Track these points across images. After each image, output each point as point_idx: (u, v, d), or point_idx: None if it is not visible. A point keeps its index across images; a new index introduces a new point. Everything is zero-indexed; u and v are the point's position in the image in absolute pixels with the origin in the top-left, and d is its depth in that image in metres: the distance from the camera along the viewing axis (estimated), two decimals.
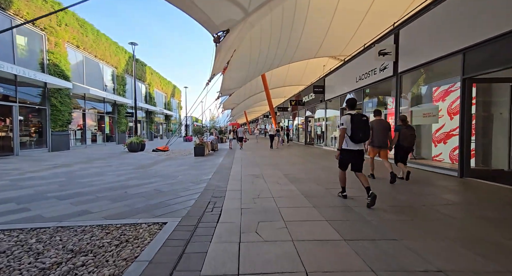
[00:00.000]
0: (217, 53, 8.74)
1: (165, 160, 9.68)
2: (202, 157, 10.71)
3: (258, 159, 9.35)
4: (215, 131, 14.52)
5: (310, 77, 22.88)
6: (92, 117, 17.46)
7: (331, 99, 13.38)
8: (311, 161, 8.79)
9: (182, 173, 6.66)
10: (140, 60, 23.20)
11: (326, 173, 6.27)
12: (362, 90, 9.68)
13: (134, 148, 12.81)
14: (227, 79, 16.89)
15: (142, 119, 25.22)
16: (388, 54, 7.25)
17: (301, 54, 19.12)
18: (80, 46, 14.40)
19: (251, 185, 5.04)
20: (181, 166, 8.08)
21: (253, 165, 8.00)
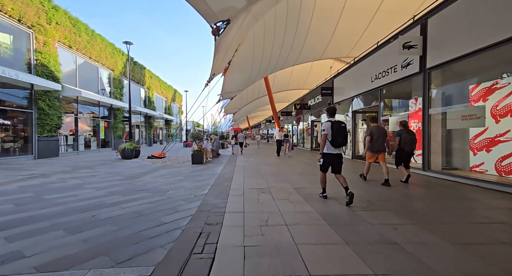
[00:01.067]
0: (217, 49, 7.82)
1: (159, 169, 8.68)
2: (200, 165, 9.70)
3: (262, 168, 8.33)
4: (214, 137, 13.49)
5: (314, 81, 21.99)
6: (86, 122, 16.57)
7: (341, 102, 12.38)
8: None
9: (174, 186, 5.64)
10: (138, 63, 22.46)
11: (355, 188, 5.22)
12: (378, 90, 8.67)
13: (128, 154, 11.84)
14: (228, 81, 16.00)
15: (141, 124, 24.35)
16: (413, 47, 6.27)
17: (306, 56, 18.28)
18: (73, 47, 13.60)
19: (256, 204, 4.01)
20: (175, 176, 7.06)
21: (257, 175, 6.96)
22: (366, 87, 9.44)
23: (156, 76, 27.51)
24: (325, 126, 4.06)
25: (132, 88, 21.58)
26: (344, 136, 3.98)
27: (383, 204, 4.01)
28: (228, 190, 5.04)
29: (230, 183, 5.85)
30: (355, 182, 5.67)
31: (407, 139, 5.38)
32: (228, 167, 8.87)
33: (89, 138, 16.63)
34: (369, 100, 9.71)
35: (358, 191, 4.81)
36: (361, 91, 9.91)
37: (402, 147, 5.45)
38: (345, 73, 11.80)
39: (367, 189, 5.12)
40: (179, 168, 8.87)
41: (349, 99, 11.25)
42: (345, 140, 3.99)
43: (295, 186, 5.35)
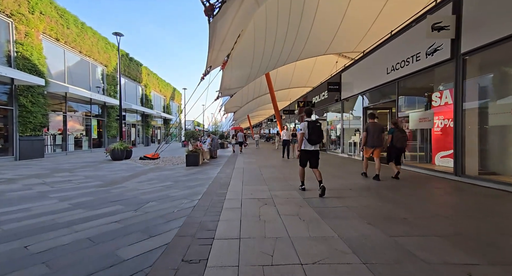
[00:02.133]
0: (212, 36, 6.84)
1: (148, 172, 7.71)
2: (195, 167, 8.72)
3: (264, 171, 7.34)
4: (213, 136, 12.52)
5: (317, 79, 20.98)
6: (78, 120, 15.65)
7: (349, 98, 11.37)
8: (335, 174, 6.75)
9: (158, 195, 4.66)
10: (135, 60, 21.52)
11: (369, 197, 4.22)
12: (395, 83, 7.66)
13: (118, 155, 10.88)
14: (227, 77, 15.02)
15: (137, 123, 23.42)
16: (444, 29, 5.25)
17: (310, 50, 17.30)
18: (61, 39, 12.66)
19: (257, 223, 3.03)
20: (164, 181, 6.09)
21: (258, 179, 5.99)
22: (380, 80, 8.42)
23: (154, 74, 26.57)
24: (302, 126, 4.52)
25: (127, 86, 20.71)
26: (319, 135, 4.47)
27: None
28: (223, 201, 4.07)
29: (226, 190, 4.87)
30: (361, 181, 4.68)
31: (398, 137, 5.77)
32: (226, 170, 7.90)
33: (80, 137, 15.71)
34: (383, 95, 8.70)
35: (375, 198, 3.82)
36: (374, 85, 8.89)
37: (394, 144, 5.82)
38: (354, 67, 10.78)
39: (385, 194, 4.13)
40: (171, 171, 7.91)
41: (359, 94, 10.23)
42: (319, 137, 4.48)
43: (305, 195, 4.36)
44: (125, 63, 19.92)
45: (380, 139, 5.77)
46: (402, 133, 5.83)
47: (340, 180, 5.78)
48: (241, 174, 6.93)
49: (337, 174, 6.77)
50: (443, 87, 6.33)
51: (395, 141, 5.79)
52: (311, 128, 4.43)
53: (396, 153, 5.95)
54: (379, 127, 5.82)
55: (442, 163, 6.59)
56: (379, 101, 9.03)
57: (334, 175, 6.58)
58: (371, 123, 5.89)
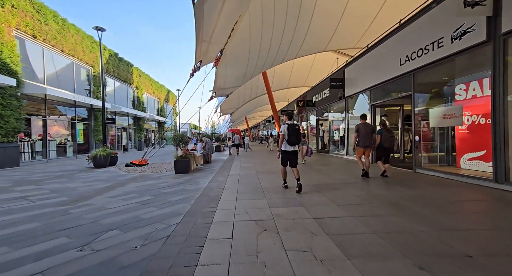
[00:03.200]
0: (199, 20, 5.85)
1: (128, 182, 6.67)
2: (185, 175, 7.70)
3: (262, 178, 6.34)
4: (206, 139, 11.50)
5: (316, 78, 20.11)
6: (62, 125, 14.58)
7: (354, 95, 10.42)
8: (346, 180, 5.76)
9: (127, 217, 3.62)
10: (124, 60, 20.47)
11: (398, 215, 3.23)
12: (411, 76, 6.70)
13: (100, 162, 9.82)
14: (221, 76, 14.04)
15: (128, 127, 22.32)
16: (480, 4, 4.30)
17: (309, 47, 16.41)
18: (38, 37, 11.62)
19: (254, 268, 2.03)
20: (142, 195, 5.05)
21: (255, 190, 4.99)
22: (391, 73, 7.48)
23: (146, 75, 25.53)
24: (283, 128, 4.85)
25: (117, 88, 19.67)
26: (297, 137, 4.80)
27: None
28: (209, 226, 3.06)
29: (215, 207, 3.87)
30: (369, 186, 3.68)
31: (386, 137, 6.05)
32: (219, 177, 6.88)
33: (65, 143, 14.62)
34: (394, 90, 7.75)
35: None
36: (384, 79, 7.93)
37: (382, 144, 6.09)
38: (359, 61, 9.83)
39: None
40: (155, 180, 6.87)
41: (365, 90, 9.28)
42: (298, 139, 4.83)
43: (317, 214, 3.36)
44: (114, 63, 18.87)
45: (370, 139, 6.03)
46: (390, 134, 6.12)
47: (353, 189, 4.79)
48: (235, 183, 5.92)
49: (348, 180, 5.77)
50: (473, 78, 5.37)
51: (383, 141, 6.07)
52: (291, 130, 4.80)
53: (384, 152, 6.22)
54: (370, 128, 6.09)
55: (471, 167, 5.63)
56: (389, 97, 8.07)
57: (346, 181, 5.58)
58: (362, 124, 6.12)
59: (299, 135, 4.88)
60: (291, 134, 4.79)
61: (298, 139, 4.84)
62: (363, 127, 6.06)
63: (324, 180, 6.03)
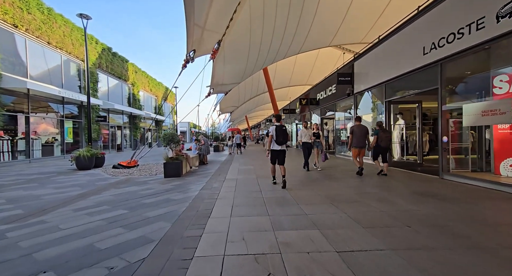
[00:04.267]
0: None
1: (107, 188, 5.72)
2: (175, 180, 6.75)
3: (264, 185, 5.38)
4: (203, 139, 10.56)
5: (319, 76, 19.16)
6: (50, 122, 13.65)
7: (364, 91, 9.45)
8: (364, 189, 4.80)
9: (84, 242, 2.68)
10: (119, 55, 19.50)
11: (474, 251, 2.27)
12: (438, 66, 5.73)
13: (84, 164, 8.88)
14: (219, 70, 13.08)
15: (123, 125, 21.37)
16: None
17: (313, 41, 15.47)
18: (20, 26, 10.67)
19: None
20: (116, 207, 4.10)
21: (255, 202, 4.04)
22: (412, 65, 6.51)
23: (143, 72, 24.57)
24: (271, 129, 5.28)
25: (111, 84, 18.73)
26: (284, 137, 5.24)
27: None
28: (187, 266, 2.11)
29: (202, 229, 2.92)
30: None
31: (383, 137, 6.24)
32: (214, 183, 5.94)
33: (52, 141, 13.69)
34: (416, 84, 6.77)
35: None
36: (402, 72, 6.97)
37: (379, 143, 6.29)
38: (370, 53, 8.86)
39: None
40: (140, 186, 5.92)
41: (379, 85, 8.31)
42: (285, 139, 5.27)
43: (340, 245, 2.40)
44: (108, 58, 17.91)
45: (364, 140, 6.39)
46: (386, 134, 6.34)
47: (375, 202, 3.82)
48: (232, 191, 4.97)
49: (364, 188, 4.80)
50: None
51: (380, 141, 6.29)
52: (278, 131, 5.20)
53: (381, 152, 6.44)
54: (364, 130, 6.41)
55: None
56: (408, 92, 7.10)
57: (362, 190, 4.61)
58: (356, 126, 6.48)
59: (286, 136, 5.27)
60: (278, 135, 5.20)
61: (284, 139, 5.25)
62: (357, 129, 6.42)
63: (335, 187, 5.07)
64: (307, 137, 7.41)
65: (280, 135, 5.20)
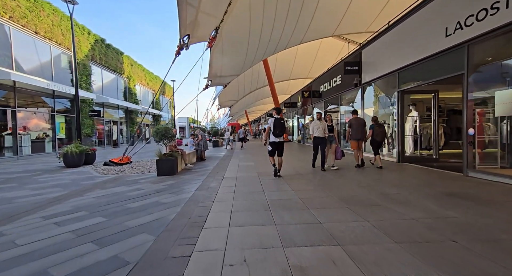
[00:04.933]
0: None
1: (93, 189, 5.12)
2: (168, 178, 6.14)
3: (267, 185, 4.78)
4: (201, 133, 9.93)
5: (321, 68, 18.40)
6: (42, 117, 13.01)
7: (374, 81, 8.77)
8: (382, 189, 4.18)
9: (35, 266, 2.08)
10: (113, 47, 18.70)
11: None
12: (464, 48, 5.05)
13: (72, 161, 8.28)
14: (217, 61, 12.36)
15: (119, 120, 20.70)
16: None
17: (316, 31, 14.70)
18: (3, 13, 9.92)
19: None
20: (94, 213, 3.49)
21: (259, 207, 3.42)
22: (431, 49, 5.83)
23: (139, 65, 23.78)
24: (270, 122, 5.46)
25: (105, 77, 18.03)
26: (281, 129, 5.43)
27: None
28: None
29: (193, 246, 2.32)
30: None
31: (378, 131, 6.51)
32: (211, 182, 5.33)
33: (43, 137, 13.07)
34: (435, 71, 6.09)
35: None
36: (418, 57, 6.28)
37: (374, 137, 6.52)
38: (380, 40, 8.14)
39: None
40: (129, 186, 5.32)
41: (391, 74, 7.62)
42: (282, 131, 5.45)
43: (373, 269, 1.78)
44: (101, 50, 17.14)
45: (362, 132, 6.54)
46: (381, 128, 6.55)
47: (402, 207, 3.19)
48: (231, 192, 4.37)
49: (381, 188, 4.15)
50: None
51: (375, 135, 6.46)
52: (276, 123, 5.39)
53: (376, 145, 6.57)
54: (362, 122, 6.64)
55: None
56: (425, 81, 6.42)
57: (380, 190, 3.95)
58: (354, 119, 6.65)
59: (283, 128, 5.45)
60: (275, 127, 5.39)
61: (282, 131, 5.43)
62: (355, 121, 6.59)
63: (348, 187, 4.46)
64: (320, 131, 6.19)
65: (277, 127, 5.40)
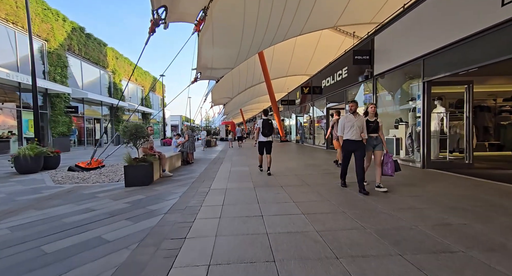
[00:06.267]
0: None
1: (23, 210, 3.67)
2: (138, 191, 4.72)
3: (266, 202, 3.42)
4: (189, 133, 8.53)
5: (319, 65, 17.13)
6: (9, 114, 11.42)
7: (390, 72, 7.49)
8: (446, 219, 2.85)
9: None
10: (95, 37, 17.04)
11: None
12: None
13: (25, 166, 6.79)
14: (207, 50, 10.94)
15: (103, 118, 19.07)
16: None
17: (317, 20, 13.42)
18: None
19: None
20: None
21: (255, 247, 2.01)
22: (476, 25, 4.54)
23: (125, 58, 22.10)
24: (259, 123, 5.82)
25: (85, 70, 16.36)
26: (269, 129, 5.79)
27: None
28: None
29: None
30: None
31: None
32: (191, 198, 3.94)
33: (8, 136, 11.45)
34: (479, 54, 4.79)
35: None
36: (456, 38, 5.00)
37: None
38: (401, 21, 6.84)
39: None
40: (78, 204, 3.89)
41: (414, 62, 6.33)
42: (270, 131, 5.81)
43: None
44: (80, 40, 15.49)
45: None
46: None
47: (497, 258, 1.90)
48: (215, 216, 3.02)
49: (436, 215, 2.81)
50: None
51: None
52: (264, 124, 5.77)
53: None
54: None
55: None
56: (463, 67, 5.13)
57: (437, 220, 2.61)
58: (337, 120, 6.52)
59: (272, 128, 5.84)
60: (264, 127, 5.77)
61: (269, 131, 5.80)
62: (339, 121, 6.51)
63: (385, 213, 3.13)
64: (354, 131, 4.10)
65: (265, 127, 5.77)
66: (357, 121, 4.13)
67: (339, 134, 4.42)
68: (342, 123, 4.31)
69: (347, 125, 4.20)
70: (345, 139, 4.24)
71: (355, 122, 4.12)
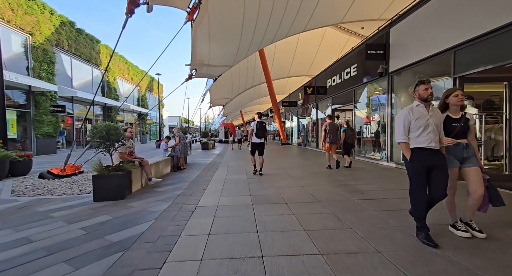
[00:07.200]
0: None
1: None
2: (105, 210, 3.74)
3: (268, 227, 2.44)
4: (180, 135, 7.58)
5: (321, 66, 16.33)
6: None
7: (409, 68, 6.56)
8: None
9: None
10: (86, 33, 16.13)
11: None
12: None
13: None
14: (202, 46, 10.02)
15: (95, 118, 18.12)
16: None
17: (321, 17, 12.55)
18: None
19: None
20: None
21: None
22: None
23: (120, 56, 21.21)
24: (253, 125, 6.12)
25: (74, 67, 15.42)
26: (263, 131, 6.07)
27: None
28: None
29: None
30: None
31: (349, 134, 7.16)
32: (171, 219, 2.97)
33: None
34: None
35: None
36: (500, 24, 4.07)
37: (346, 140, 7.15)
38: (424, 8, 5.92)
39: None
40: (18, 231, 2.93)
41: (441, 55, 5.39)
42: (263, 133, 6.09)
43: None
44: (70, 35, 14.57)
45: (336, 136, 7.00)
46: (352, 132, 7.40)
47: None
48: (196, 256, 2.04)
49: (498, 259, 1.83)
50: None
51: (347, 138, 7.13)
52: (258, 126, 6.05)
53: (348, 148, 7.26)
54: (335, 127, 7.07)
55: None
56: (505, 61, 4.19)
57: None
58: (329, 124, 6.89)
59: (265, 130, 6.13)
60: (258, 129, 6.04)
61: (263, 133, 6.07)
62: (331, 126, 6.86)
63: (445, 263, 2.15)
64: (431, 133, 2.33)
65: (259, 129, 6.02)
66: (433, 117, 2.37)
67: (397, 140, 2.51)
68: (403, 120, 2.43)
69: (415, 124, 2.38)
70: (415, 147, 2.39)
71: (429, 118, 2.36)
